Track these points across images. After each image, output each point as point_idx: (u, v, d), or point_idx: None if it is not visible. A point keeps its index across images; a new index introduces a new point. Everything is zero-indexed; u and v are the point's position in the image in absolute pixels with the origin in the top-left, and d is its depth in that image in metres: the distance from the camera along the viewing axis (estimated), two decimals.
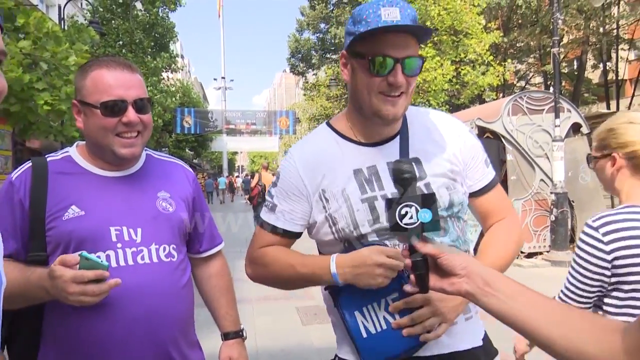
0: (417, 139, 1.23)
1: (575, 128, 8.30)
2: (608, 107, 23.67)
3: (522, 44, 19.35)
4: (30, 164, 1.27)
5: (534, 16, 16.75)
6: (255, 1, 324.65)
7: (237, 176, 30.23)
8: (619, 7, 20.12)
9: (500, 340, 1.35)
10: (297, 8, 35.74)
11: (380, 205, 1.14)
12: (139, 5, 18.99)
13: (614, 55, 23.78)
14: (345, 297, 1.14)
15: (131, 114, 1.24)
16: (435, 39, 13.33)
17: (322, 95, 35.05)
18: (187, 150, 30.39)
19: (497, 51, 17.68)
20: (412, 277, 0.90)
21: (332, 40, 33.25)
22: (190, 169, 1.50)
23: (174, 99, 23.32)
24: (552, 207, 7.65)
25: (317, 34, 35.60)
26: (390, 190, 1.16)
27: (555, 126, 7.63)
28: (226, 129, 28.67)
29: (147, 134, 1.31)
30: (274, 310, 5.22)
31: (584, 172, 8.10)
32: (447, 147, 1.23)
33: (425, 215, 0.88)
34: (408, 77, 1.12)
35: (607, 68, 24.47)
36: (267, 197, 1.30)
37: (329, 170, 1.20)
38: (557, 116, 7.66)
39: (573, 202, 7.80)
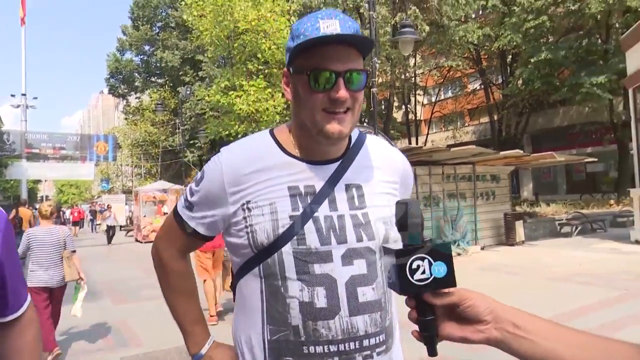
0: (360, 165, 1.15)
1: None
2: (409, 143, 27.54)
3: None
4: None
5: None
6: (67, 12, 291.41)
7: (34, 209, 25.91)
8: (415, 59, 23.79)
9: None
10: (119, 26, 33.44)
11: (310, 226, 1.05)
12: None
13: (413, 99, 27.95)
14: None
15: None
16: (266, 71, 13.75)
17: (147, 120, 33.01)
18: None
19: None
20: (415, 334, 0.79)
21: (158, 64, 31.81)
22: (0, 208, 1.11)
23: None
24: None
25: (141, 56, 33.69)
26: (324, 213, 1.07)
27: None
28: (27, 153, 24.61)
29: None
30: None
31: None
32: (390, 178, 1.19)
33: (440, 269, 0.75)
34: (353, 92, 1.04)
35: (408, 109, 28.60)
36: (187, 192, 1.19)
37: (261, 181, 1.09)
38: None
39: None
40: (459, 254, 10.70)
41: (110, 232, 18.62)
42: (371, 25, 7.72)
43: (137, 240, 19.67)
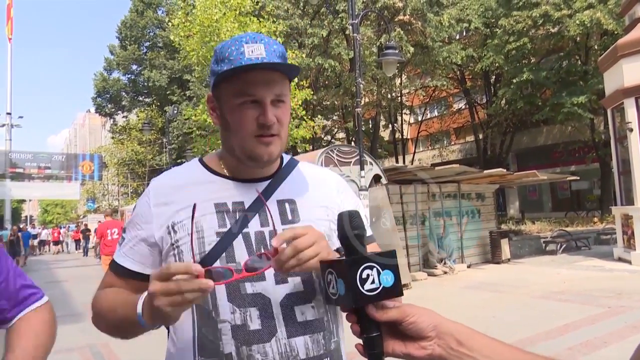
0: (293, 182, 1.13)
1: (376, 179, 9.39)
2: (397, 161, 27.73)
3: (328, 103, 21.48)
4: None
5: (337, 79, 18.84)
6: (53, 29, 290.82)
7: (20, 228, 25.22)
8: (401, 78, 24.14)
9: None
10: (106, 45, 33.46)
11: (240, 243, 1.01)
12: None
13: (399, 118, 28.26)
14: None
15: None
16: None
17: (134, 139, 32.84)
18: None
19: (307, 107, 19.24)
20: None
21: (145, 83, 31.81)
22: None
23: None
24: None
25: (129, 75, 33.66)
26: (255, 228, 1.03)
27: (361, 177, 8.51)
28: (11, 172, 24.36)
29: None
30: None
31: (385, 217, 9.15)
32: (325, 191, 1.16)
33: (388, 278, 0.72)
34: (279, 116, 1.04)
35: (395, 128, 28.88)
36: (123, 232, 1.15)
37: (187, 202, 1.03)
38: (362, 168, 8.56)
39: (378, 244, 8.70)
40: (445, 272, 10.73)
41: None
42: (355, 47, 7.88)
43: None
